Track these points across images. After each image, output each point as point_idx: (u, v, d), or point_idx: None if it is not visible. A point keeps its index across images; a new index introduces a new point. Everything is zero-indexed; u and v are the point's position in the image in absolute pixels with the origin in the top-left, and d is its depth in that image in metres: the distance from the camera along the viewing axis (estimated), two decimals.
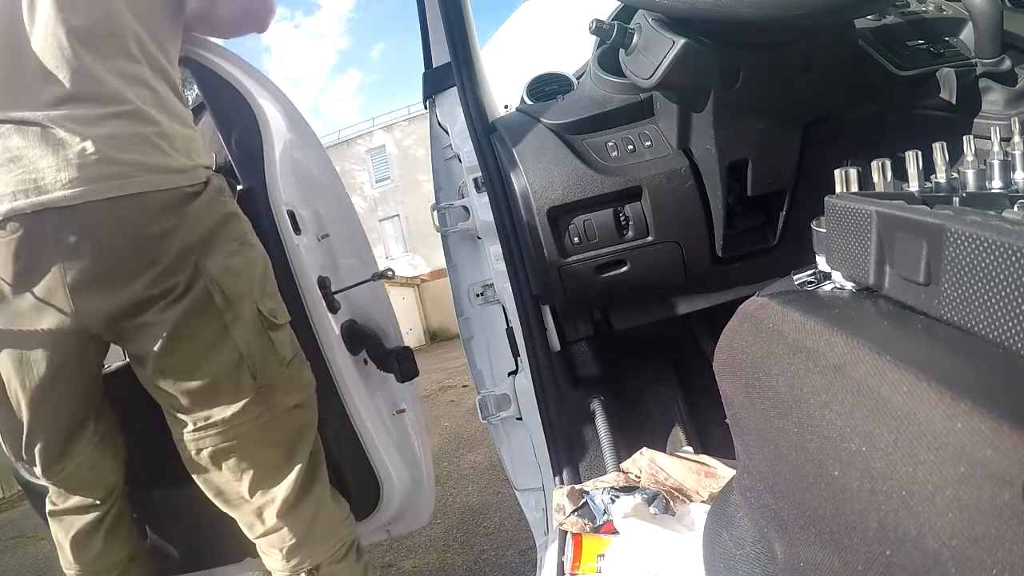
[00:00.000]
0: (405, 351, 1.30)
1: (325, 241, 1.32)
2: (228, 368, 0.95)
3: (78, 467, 1.03)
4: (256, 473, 0.99)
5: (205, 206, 0.96)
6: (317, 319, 1.18)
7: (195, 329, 0.94)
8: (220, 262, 0.96)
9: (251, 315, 0.97)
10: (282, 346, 1.01)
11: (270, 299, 1.02)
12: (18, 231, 0.86)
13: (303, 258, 1.17)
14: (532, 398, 1.14)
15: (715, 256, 1.06)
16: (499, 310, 1.22)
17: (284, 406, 1.01)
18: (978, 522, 0.27)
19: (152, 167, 0.90)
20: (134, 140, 0.90)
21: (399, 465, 1.28)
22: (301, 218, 1.22)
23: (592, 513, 0.91)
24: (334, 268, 1.31)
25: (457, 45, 1.08)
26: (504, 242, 1.08)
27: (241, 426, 0.97)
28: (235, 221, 1.02)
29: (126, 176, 0.88)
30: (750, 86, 0.87)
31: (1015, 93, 0.84)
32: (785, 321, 0.46)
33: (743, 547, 0.55)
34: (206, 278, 0.94)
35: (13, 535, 3.28)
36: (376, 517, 1.29)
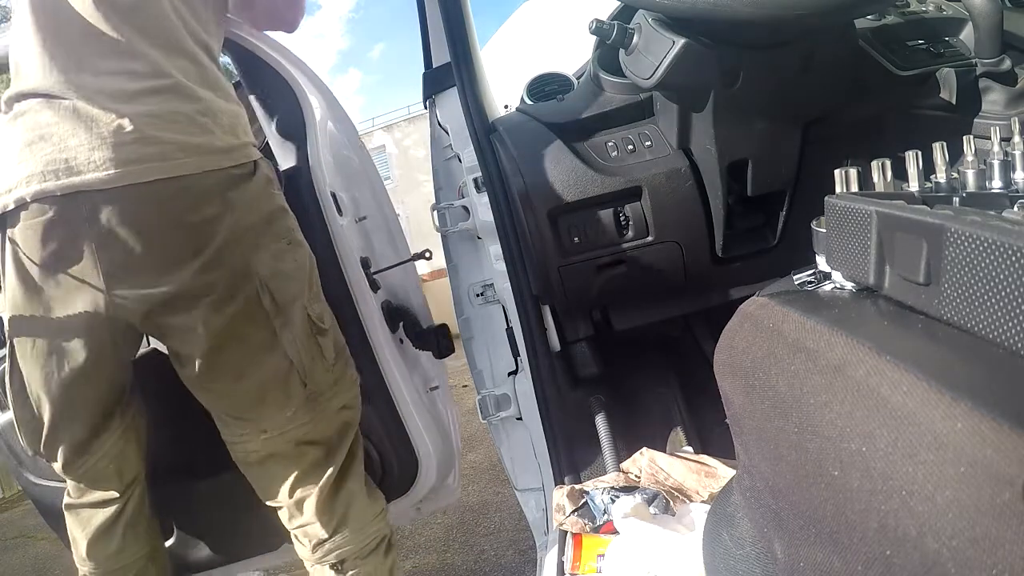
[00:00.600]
0: (442, 328, 1.32)
1: (362, 223, 1.34)
2: (278, 376, 0.93)
3: (100, 460, 1.00)
4: (299, 472, 0.99)
5: (254, 196, 0.92)
6: (361, 298, 1.19)
7: (244, 334, 0.90)
8: (270, 263, 0.92)
9: (301, 321, 0.94)
10: (328, 350, 0.99)
11: (318, 303, 1.00)
12: (47, 213, 0.81)
13: (346, 239, 1.18)
14: (532, 398, 1.14)
15: (715, 256, 1.06)
16: (499, 310, 1.22)
17: (332, 409, 1.00)
18: (978, 522, 0.27)
19: (195, 147, 0.84)
20: (175, 118, 0.84)
21: (436, 440, 1.30)
22: (342, 200, 1.23)
23: (592, 513, 0.91)
24: (371, 250, 1.33)
25: (457, 45, 1.08)
26: (504, 242, 1.08)
27: (291, 432, 0.96)
28: (283, 216, 0.98)
29: (167, 157, 0.82)
30: (750, 86, 0.87)
31: (1015, 93, 0.84)
32: (785, 321, 0.46)
33: (743, 547, 0.55)
34: (256, 280, 0.90)
35: (13, 535, 3.28)
36: (414, 492, 1.31)
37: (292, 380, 0.94)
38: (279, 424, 0.95)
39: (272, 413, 0.94)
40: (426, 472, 1.28)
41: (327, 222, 1.15)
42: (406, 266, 1.37)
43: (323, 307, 1.01)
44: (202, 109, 0.87)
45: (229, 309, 0.88)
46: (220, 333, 0.89)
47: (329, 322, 1.02)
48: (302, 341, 0.94)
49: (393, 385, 1.22)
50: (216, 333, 0.88)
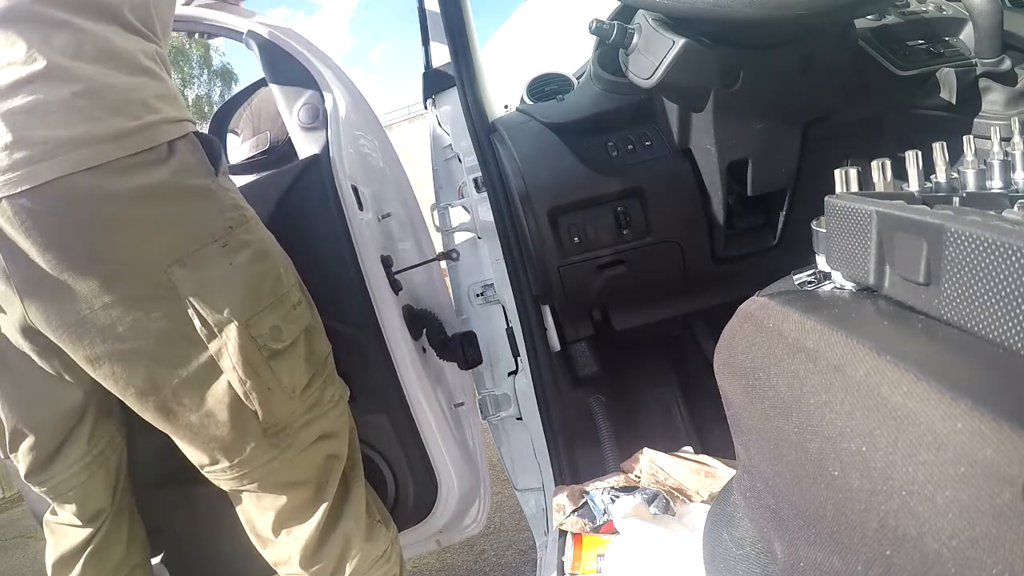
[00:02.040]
0: (469, 335, 1.20)
1: (385, 221, 1.26)
2: (224, 411, 0.79)
3: (60, 484, 0.92)
4: (280, 513, 0.88)
5: (165, 188, 0.76)
6: (380, 299, 1.09)
7: (171, 364, 0.78)
8: (197, 273, 0.77)
9: (241, 344, 0.78)
10: (291, 373, 0.83)
11: (271, 313, 0.82)
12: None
13: (366, 235, 1.10)
14: (532, 398, 1.14)
15: (715, 256, 1.06)
16: (499, 310, 1.22)
17: (303, 442, 0.86)
18: (978, 522, 0.27)
19: (72, 141, 0.71)
20: (48, 109, 0.71)
21: (459, 464, 1.17)
22: (363, 195, 1.17)
23: (592, 513, 0.91)
24: (393, 250, 1.25)
25: (457, 45, 1.08)
26: (504, 242, 1.08)
27: (255, 471, 0.84)
28: (212, 209, 0.80)
29: (39, 160, 0.70)
30: (750, 86, 0.87)
31: (1015, 93, 0.83)
32: (785, 321, 0.46)
33: (743, 547, 0.55)
34: (180, 296, 0.76)
35: (13, 535, 3.28)
36: (431, 522, 1.18)
37: (243, 414, 0.80)
38: (237, 464, 0.83)
39: (226, 451, 0.82)
40: (446, 499, 1.16)
41: (346, 216, 1.07)
42: (432, 269, 1.28)
43: (283, 317, 0.84)
44: (82, 91, 0.73)
45: (148, 332, 0.76)
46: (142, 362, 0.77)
47: (293, 334, 0.85)
48: (245, 371, 0.78)
49: (413, 398, 1.11)
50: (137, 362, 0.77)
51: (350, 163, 1.14)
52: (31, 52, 0.72)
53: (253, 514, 0.90)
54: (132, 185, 0.74)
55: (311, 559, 0.90)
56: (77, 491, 0.93)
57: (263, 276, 0.83)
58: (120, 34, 0.79)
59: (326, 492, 0.90)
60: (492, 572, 1.89)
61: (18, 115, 0.70)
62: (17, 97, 0.71)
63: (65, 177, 0.71)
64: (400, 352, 1.10)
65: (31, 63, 0.72)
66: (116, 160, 0.73)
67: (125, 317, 0.75)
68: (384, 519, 1.01)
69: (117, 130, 0.74)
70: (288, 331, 0.84)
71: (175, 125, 0.80)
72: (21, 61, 0.72)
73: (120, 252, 0.74)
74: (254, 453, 0.82)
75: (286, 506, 0.88)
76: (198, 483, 0.90)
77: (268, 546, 0.92)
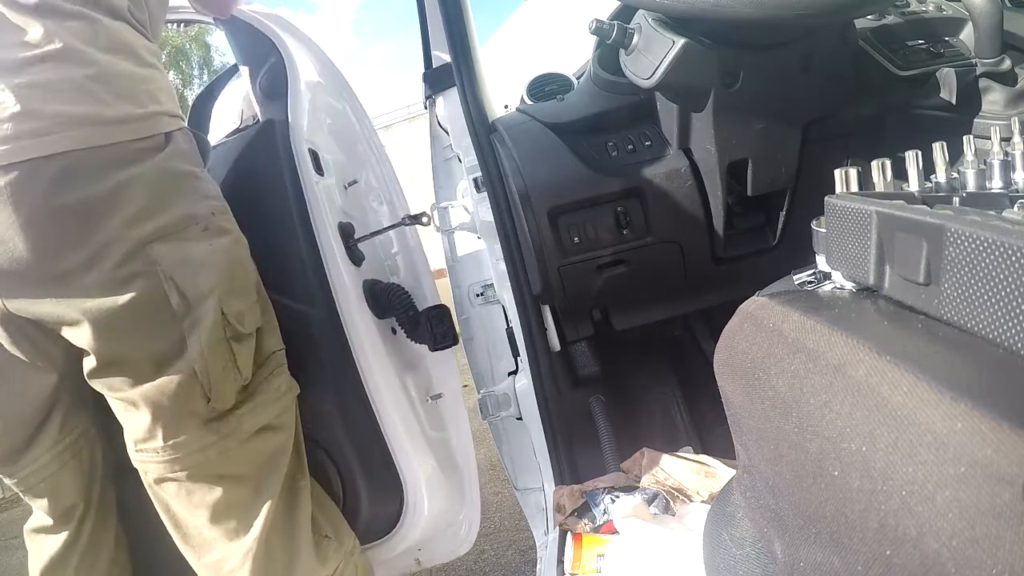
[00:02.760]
0: (439, 309, 1.06)
1: (353, 189, 1.17)
2: (175, 384, 0.79)
3: (30, 475, 0.91)
4: (214, 512, 0.83)
5: (159, 173, 0.79)
6: (334, 270, 0.99)
7: (141, 333, 0.78)
8: (175, 250, 0.78)
9: (213, 321, 0.80)
10: (244, 361, 0.84)
11: (240, 299, 0.84)
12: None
13: (322, 201, 1.01)
14: (532, 398, 1.14)
15: (715, 256, 1.06)
16: (499, 310, 1.22)
17: (245, 431, 0.84)
18: (978, 522, 0.27)
19: (78, 119, 0.73)
20: (60, 86, 0.73)
21: (431, 469, 1.02)
22: (325, 161, 1.09)
23: (592, 513, 0.91)
24: (364, 221, 1.15)
25: (457, 45, 1.08)
26: (504, 242, 1.08)
27: (189, 456, 0.81)
28: (198, 194, 0.84)
29: (42, 133, 0.71)
30: (750, 86, 0.87)
31: (1015, 93, 0.83)
32: (785, 321, 0.46)
33: (743, 547, 0.55)
34: (159, 272, 0.77)
35: (13, 535, 3.28)
36: (399, 536, 1.02)
37: (193, 392, 0.80)
38: (173, 446, 0.81)
39: (164, 429, 0.80)
40: (415, 509, 1.00)
41: (301, 179, 1.00)
42: (407, 238, 1.18)
43: (248, 307, 0.86)
44: (94, 74, 0.75)
45: (123, 301, 0.76)
46: (111, 330, 0.77)
47: (253, 326, 0.86)
48: (210, 346, 0.79)
49: (371, 385, 0.98)
50: (106, 329, 0.77)
51: (312, 128, 1.08)
52: (48, 34, 0.74)
53: (181, 513, 0.85)
54: (128, 169, 0.76)
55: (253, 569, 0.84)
56: (48, 483, 0.92)
57: (238, 263, 0.86)
58: (128, 30, 0.83)
59: (266, 492, 0.86)
60: (492, 572, 1.89)
61: (28, 88, 0.72)
62: (30, 72, 0.73)
63: (66, 152, 0.72)
64: (357, 332, 0.98)
65: (48, 43, 0.74)
66: (118, 143, 0.76)
67: (104, 290, 0.76)
68: (336, 535, 0.94)
69: (123, 115, 0.76)
70: (249, 321, 0.86)
71: (173, 119, 0.83)
72: (38, 42, 0.74)
73: (108, 230, 0.75)
74: (194, 435, 0.81)
75: (219, 503, 0.83)
76: None
77: (204, 553, 0.86)
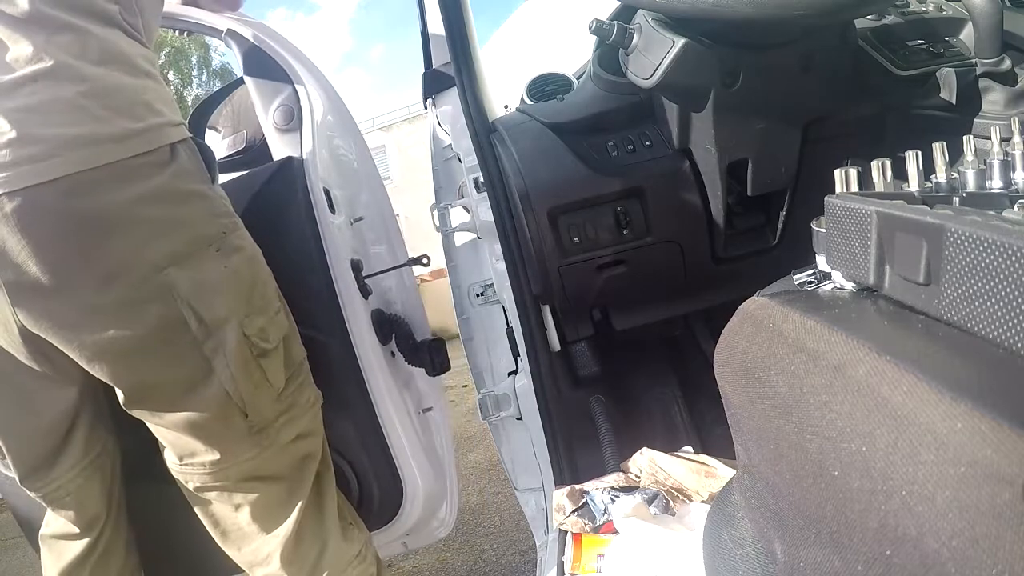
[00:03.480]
0: (437, 342, 1.21)
1: (358, 225, 1.26)
2: (213, 407, 0.81)
3: (56, 489, 0.92)
4: (253, 511, 0.88)
5: (165, 191, 0.77)
6: (348, 303, 1.10)
7: (164, 363, 0.79)
8: (191, 275, 0.78)
9: (237, 342, 0.80)
10: (276, 374, 0.86)
11: (260, 315, 0.85)
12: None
13: (337, 238, 1.10)
14: (532, 398, 1.14)
15: (715, 256, 1.06)
16: (499, 310, 1.22)
17: (282, 441, 0.88)
18: (978, 522, 0.27)
19: (75, 140, 0.71)
20: (53, 107, 0.72)
21: (424, 468, 1.18)
22: (336, 198, 1.17)
23: (592, 513, 0.91)
24: (365, 254, 1.25)
25: (457, 45, 1.08)
26: (504, 242, 1.08)
27: (232, 468, 0.85)
28: (208, 214, 0.82)
29: (42, 158, 0.70)
30: (750, 86, 0.87)
31: (1015, 93, 0.83)
32: (785, 321, 0.46)
33: (743, 547, 0.55)
34: (176, 298, 0.77)
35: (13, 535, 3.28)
36: (396, 525, 1.19)
37: (230, 412, 0.81)
38: (218, 461, 0.84)
39: (209, 449, 0.83)
40: (412, 502, 1.17)
41: (317, 218, 1.08)
42: (404, 276, 1.28)
43: (269, 320, 0.86)
44: (87, 91, 0.73)
45: (142, 332, 0.76)
46: (134, 362, 0.77)
47: (278, 337, 0.87)
48: (238, 367, 0.80)
49: (379, 401, 1.12)
50: (129, 361, 0.77)
51: (323, 166, 1.14)
52: (37, 52, 0.72)
53: (223, 514, 0.89)
54: (133, 187, 0.75)
55: (291, 557, 0.89)
56: (74, 496, 0.94)
57: (254, 280, 0.86)
58: (122, 37, 0.81)
59: (300, 490, 0.90)
60: (492, 572, 1.89)
61: (22, 112, 0.71)
62: (22, 94, 0.71)
63: (67, 176, 0.71)
64: (367, 357, 1.11)
65: (37, 62, 0.72)
66: (119, 161, 0.73)
67: (120, 318, 0.75)
68: (355, 522, 1.02)
69: (121, 131, 0.74)
70: (273, 334, 0.86)
71: (176, 129, 0.81)
72: (27, 59, 0.72)
73: (118, 254, 0.74)
74: (237, 450, 0.84)
75: (259, 501, 0.87)
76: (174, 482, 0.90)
77: (243, 546, 0.90)
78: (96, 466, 0.95)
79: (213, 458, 0.84)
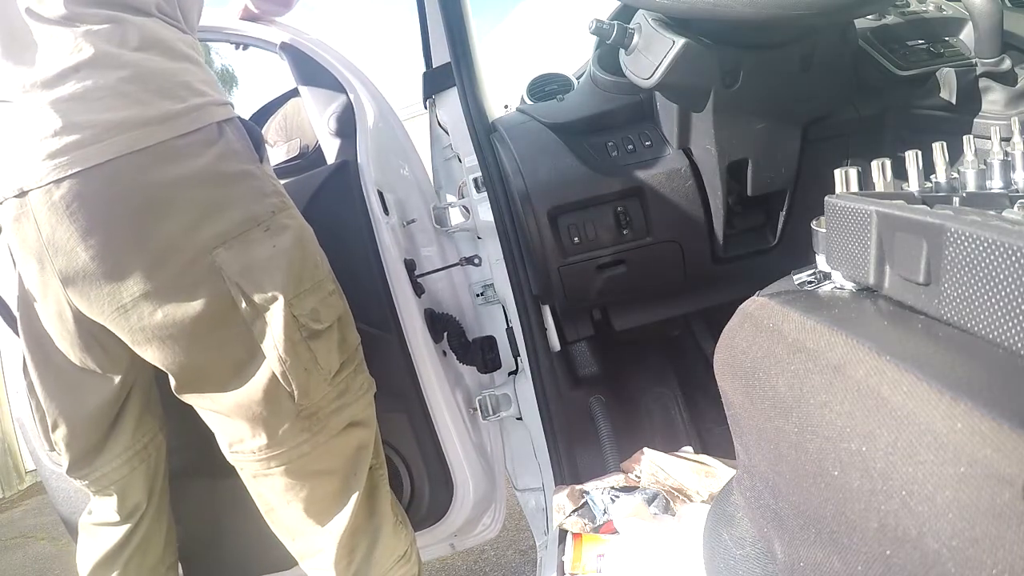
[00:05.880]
0: (488, 340, 1.22)
1: (410, 227, 1.29)
2: (260, 390, 0.79)
3: (101, 478, 0.93)
4: (307, 505, 0.86)
5: (212, 173, 0.78)
6: (402, 301, 1.12)
7: (215, 344, 0.79)
8: (239, 255, 0.78)
9: (285, 324, 0.79)
10: (327, 356, 0.84)
11: (311, 295, 0.83)
12: (12, 215, 0.76)
13: (390, 238, 1.13)
14: (532, 398, 1.14)
15: (715, 256, 1.06)
16: (499, 310, 1.22)
17: (334, 428, 0.85)
18: (978, 522, 0.27)
19: (120, 124, 0.73)
20: (96, 94, 0.73)
21: (475, 467, 1.17)
22: (388, 201, 1.20)
23: (592, 513, 0.91)
24: (417, 255, 1.27)
25: (457, 45, 1.08)
26: (504, 242, 1.08)
27: (282, 455, 0.83)
28: (256, 193, 0.81)
29: (88, 143, 0.72)
30: (750, 86, 0.87)
31: (1015, 93, 0.84)
32: (785, 321, 0.46)
33: (743, 547, 0.55)
34: (224, 279, 0.77)
35: (13, 535, 3.28)
36: (445, 524, 1.18)
37: (279, 395, 0.80)
38: (267, 446, 0.83)
39: (257, 434, 0.82)
40: (462, 501, 1.16)
41: (372, 219, 1.11)
42: (455, 277, 1.29)
43: (321, 301, 0.85)
44: (128, 76, 0.75)
45: (192, 313, 0.76)
46: (185, 344, 0.78)
47: (331, 318, 0.86)
48: (287, 349, 0.79)
49: (432, 399, 1.13)
50: (180, 343, 0.78)
51: (376, 169, 1.17)
52: (77, 42, 0.74)
53: (277, 504, 0.88)
54: (179, 168, 0.76)
55: (344, 552, 0.88)
56: (118, 485, 0.95)
57: (304, 260, 0.84)
58: (160, 24, 0.82)
59: (354, 484, 0.89)
60: (492, 572, 1.89)
61: (67, 102, 0.73)
62: (66, 85, 0.73)
63: (114, 160, 0.72)
64: (420, 353, 1.12)
65: (77, 52, 0.74)
66: (164, 142, 0.75)
67: (169, 300, 0.76)
68: (404, 521, 1.00)
69: (164, 112, 0.75)
70: (325, 315, 0.85)
71: (221, 108, 0.82)
72: (68, 51, 0.74)
73: (166, 236, 0.75)
74: (286, 434, 0.82)
75: (312, 496, 0.86)
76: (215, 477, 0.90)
77: (297, 538, 0.90)
78: (142, 457, 0.96)
79: (261, 443, 0.82)
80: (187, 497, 1.13)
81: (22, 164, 0.74)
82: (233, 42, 1.30)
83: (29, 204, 0.74)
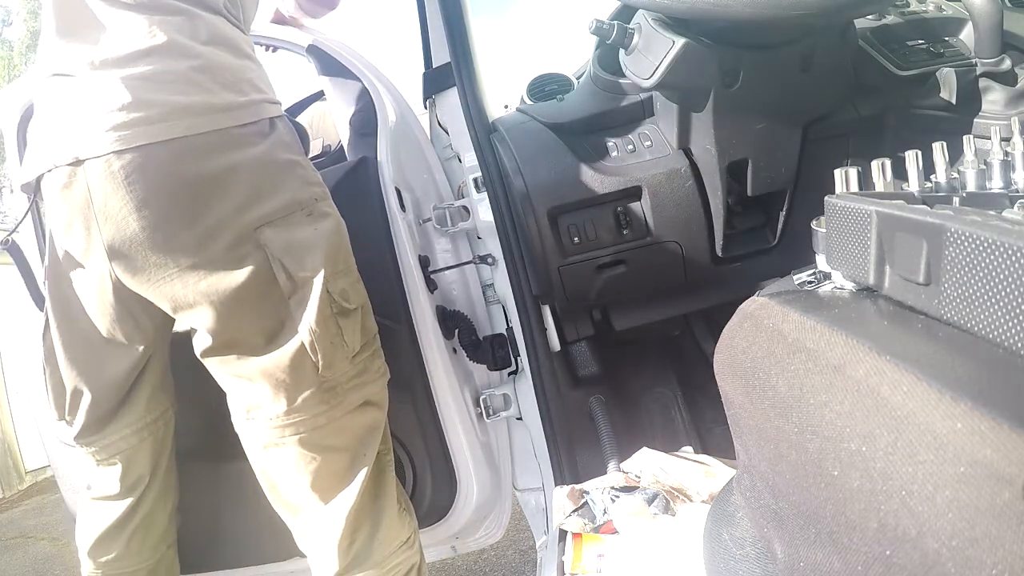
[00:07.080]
0: (499, 337, 1.22)
1: (426, 225, 1.31)
2: (288, 357, 0.83)
3: (108, 446, 0.96)
4: (314, 480, 0.88)
5: (264, 159, 0.84)
6: (415, 295, 1.13)
7: (254, 312, 0.83)
8: (283, 234, 0.84)
9: (320, 298, 0.84)
10: (352, 335, 0.88)
11: (343, 278, 0.89)
12: (59, 184, 0.80)
13: (405, 234, 1.15)
14: (532, 398, 1.14)
15: (715, 256, 1.06)
16: (499, 310, 1.22)
17: (350, 404, 0.89)
18: (978, 522, 0.27)
19: (187, 108, 0.79)
20: (167, 77, 0.79)
21: (481, 468, 1.17)
22: (406, 198, 1.22)
23: (592, 513, 0.91)
24: (432, 252, 1.30)
25: (457, 45, 1.08)
26: (504, 242, 1.08)
27: (299, 423, 0.86)
28: (303, 184, 0.88)
29: (155, 121, 0.77)
30: (750, 86, 0.87)
31: (1015, 93, 0.84)
32: (785, 321, 0.46)
33: (743, 547, 0.55)
34: (267, 254, 0.82)
35: (13, 535, 3.28)
36: (446, 524, 1.18)
37: (304, 364, 0.84)
38: (285, 413, 0.85)
39: (279, 399, 0.85)
40: (465, 499, 1.16)
41: (388, 214, 1.14)
42: (468, 275, 1.30)
43: (351, 284, 0.90)
44: (199, 66, 0.81)
45: (236, 283, 0.81)
46: (228, 309, 0.82)
47: (357, 302, 0.91)
48: (318, 322, 0.84)
49: (439, 392, 1.14)
50: (219, 310, 0.82)
51: (395, 167, 1.20)
52: (152, 28, 0.80)
53: (282, 479, 0.89)
54: (237, 154, 0.82)
55: (347, 531, 0.89)
56: (124, 455, 0.98)
57: (340, 245, 0.91)
58: (226, 23, 0.89)
59: (362, 464, 0.91)
60: (492, 572, 1.89)
61: (137, 80, 0.78)
62: (138, 65, 0.79)
63: (179, 139, 0.78)
64: (430, 348, 1.14)
65: (152, 38, 0.80)
66: (226, 129, 0.81)
67: (215, 271, 0.81)
68: (408, 508, 1.01)
69: (228, 103, 0.82)
70: (354, 297, 0.90)
71: (274, 105, 0.89)
72: (142, 36, 0.80)
73: (218, 213, 0.80)
74: (306, 402, 0.85)
75: (320, 471, 0.88)
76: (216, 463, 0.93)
77: (299, 514, 0.91)
78: (151, 430, 0.99)
79: (280, 409, 0.85)
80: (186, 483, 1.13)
81: (79, 134, 0.77)
82: (264, 44, 1.35)
83: (83, 173, 0.78)
